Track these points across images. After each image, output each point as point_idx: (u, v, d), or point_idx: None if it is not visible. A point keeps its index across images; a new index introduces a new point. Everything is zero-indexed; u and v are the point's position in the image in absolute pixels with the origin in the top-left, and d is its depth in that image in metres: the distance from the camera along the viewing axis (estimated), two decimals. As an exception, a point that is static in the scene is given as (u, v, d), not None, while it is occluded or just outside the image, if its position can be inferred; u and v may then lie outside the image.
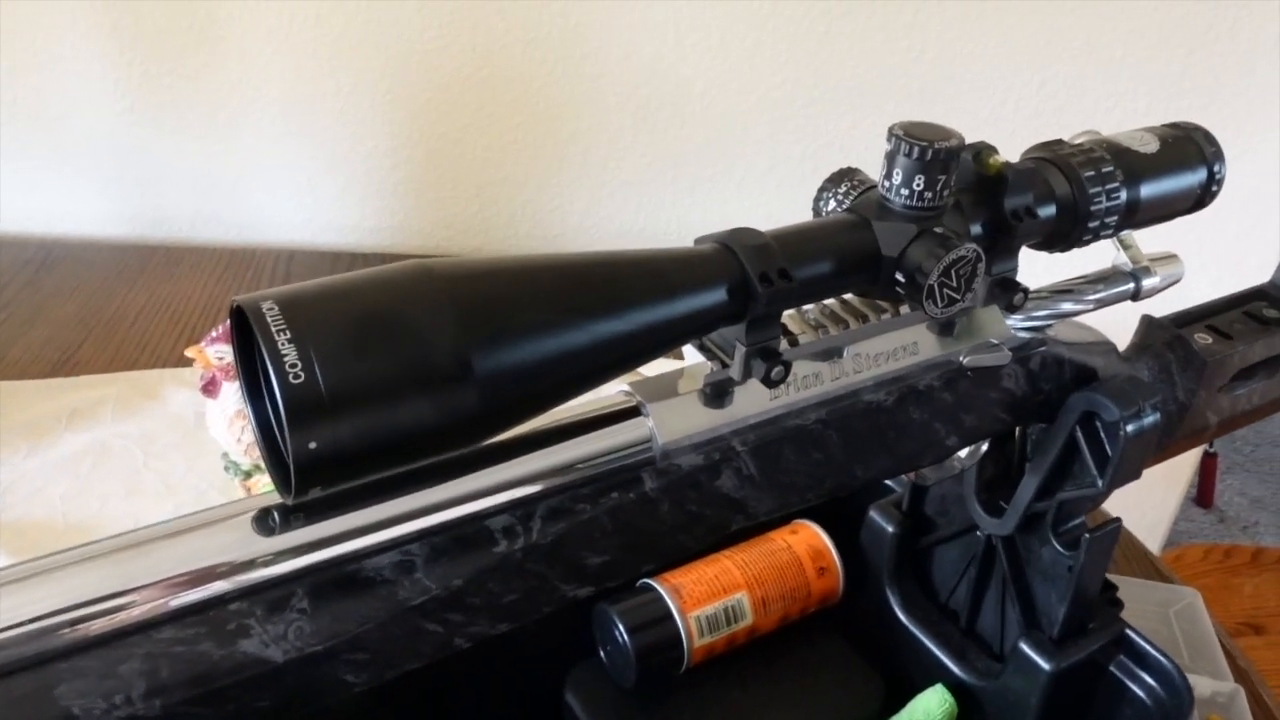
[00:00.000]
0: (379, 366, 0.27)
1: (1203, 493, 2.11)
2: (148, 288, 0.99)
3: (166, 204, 1.09)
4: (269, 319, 0.27)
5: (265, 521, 0.31)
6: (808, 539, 0.61)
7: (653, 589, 0.56)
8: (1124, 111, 1.06)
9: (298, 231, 1.11)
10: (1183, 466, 1.35)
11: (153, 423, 0.81)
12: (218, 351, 0.68)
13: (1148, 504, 1.31)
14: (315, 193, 1.09)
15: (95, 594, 0.28)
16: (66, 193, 1.07)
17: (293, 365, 0.26)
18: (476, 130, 1.06)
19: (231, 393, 0.69)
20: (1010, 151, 0.43)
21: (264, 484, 0.70)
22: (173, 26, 0.99)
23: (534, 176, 1.09)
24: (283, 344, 0.26)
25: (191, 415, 0.81)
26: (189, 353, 0.69)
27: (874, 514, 0.59)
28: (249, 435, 0.70)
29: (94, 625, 0.28)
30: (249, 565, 0.30)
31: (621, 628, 0.55)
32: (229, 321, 0.31)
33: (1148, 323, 0.54)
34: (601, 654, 0.57)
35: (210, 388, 0.70)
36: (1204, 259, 1.10)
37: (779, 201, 1.11)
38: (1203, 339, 0.53)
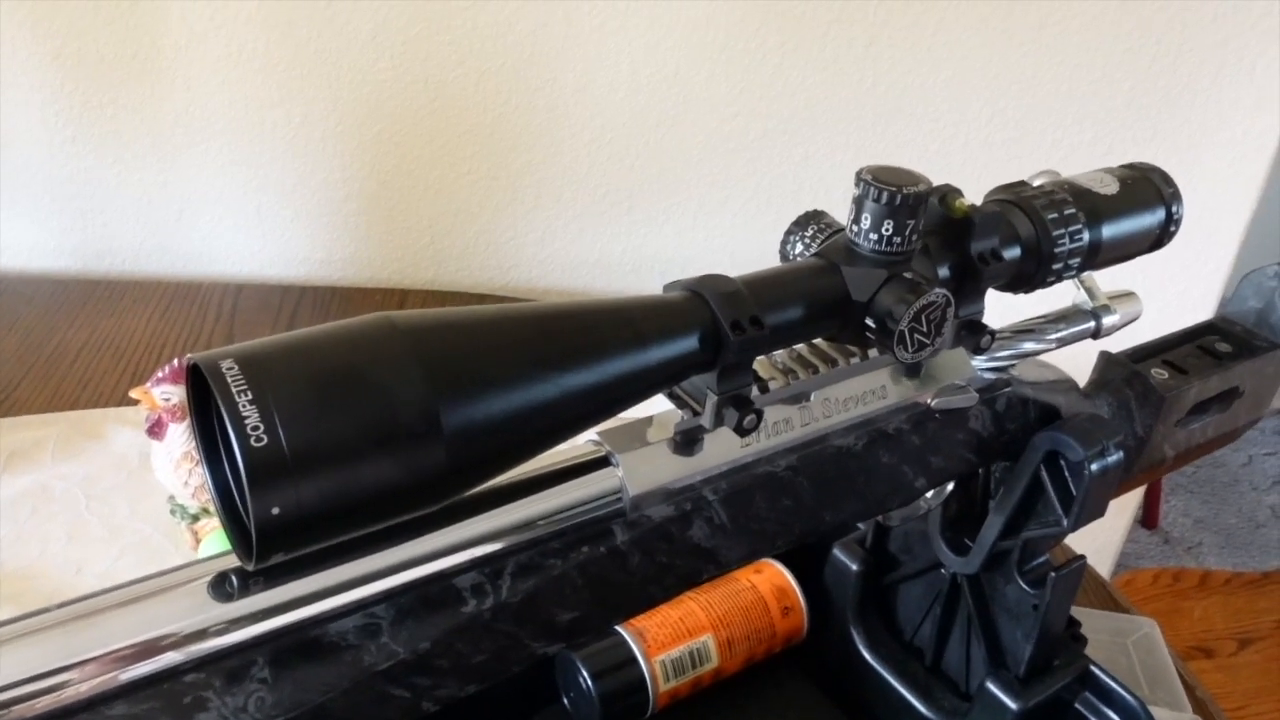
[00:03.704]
0: (345, 427, 0.26)
1: (1148, 515, 2.14)
2: (90, 323, 0.96)
3: (110, 236, 1.06)
4: (229, 379, 0.26)
5: (222, 586, 0.30)
6: (772, 578, 0.60)
7: (616, 633, 0.56)
8: (1071, 143, 1.08)
9: (245, 264, 1.09)
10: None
11: (95, 464, 0.78)
12: (164, 392, 0.66)
13: (1097, 528, 1.32)
14: (264, 225, 1.07)
15: (40, 669, 0.27)
16: (5, 225, 1.03)
17: (254, 428, 0.25)
18: (429, 162, 1.05)
19: (178, 435, 0.67)
20: (963, 181, 0.43)
21: (211, 528, 0.68)
22: (116, 55, 0.97)
23: (487, 208, 1.09)
24: (244, 405, 0.25)
25: (136, 456, 0.78)
26: (134, 394, 0.67)
27: (838, 552, 0.59)
28: (196, 478, 0.68)
29: (40, 703, 0.26)
30: (206, 633, 0.29)
31: (585, 673, 0.54)
32: (176, 369, 0.29)
33: (1106, 359, 0.54)
34: (565, 701, 0.56)
35: (156, 430, 0.68)
36: (1148, 288, 1.12)
37: (734, 232, 1.11)
38: (1159, 374, 0.54)
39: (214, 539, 0.67)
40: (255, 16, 0.96)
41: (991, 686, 0.52)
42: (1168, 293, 1.16)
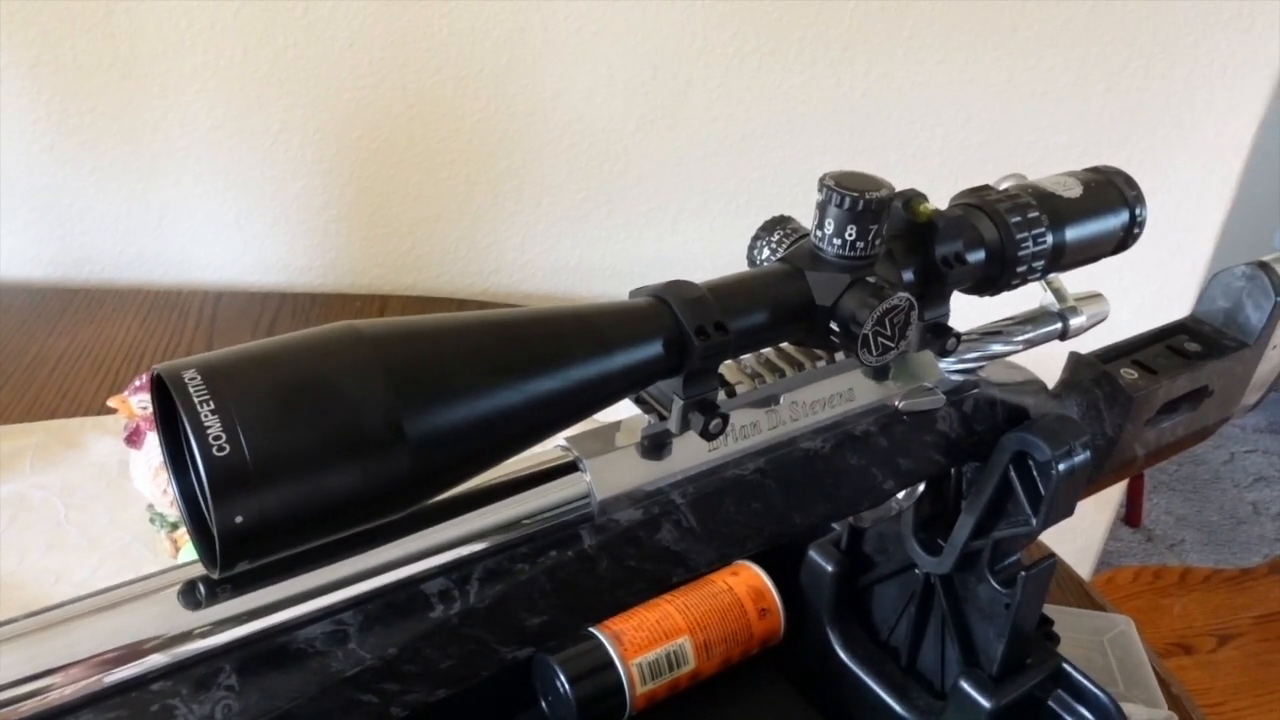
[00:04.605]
0: (307, 435, 0.26)
1: (1131, 512, 2.15)
2: (68, 332, 0.96)
3: (88, 244, 1.06)
4: (191, 389, 0.26)
5: (191, 594, 0.30)
6: (748, 580, 0.60)
7: (593, 636, 0.56)
8: (1046, 146, 1.09)
9: (225, 271, 1.09)
10: (1112, 487, 1.37)
11: (74, 473, 0.78)
12: (141, 401, 0.66)
13: (1079, 526, 1.33)
14: (243, 231, 1.07)
15: (7, 679, 0.27)
16: (-18, 234, 1.03)
17: (216, 437, 0.25)
18: (408, 167, 1.05)
19: (156, 443, 0.67)
20: (939, 184, 0.43)
21: (191, 536, 0.68)
22: (94, 64, 0.96)
23: (467, 213, 1.09)
24: (205, 415, 0.25)
25: (115, 465, 0.78)
26: (111, 402, 0.67)
27: (813, 553, 0.59)
28: (169, 483, 0.68)
29: (5, 712, 0.27)
30: (173, 641, 0.29)
31: (562, 677, 0.54)
32: (150, 386, 0.29)
33: (1075, 360, 0.55)
34: (543, 704, 0.56)
35: (134, 438, 0.68)
36: (1125, 288, 1.13)
37: (713, 236, 1.12)
38: (1128, 374, 0.55)
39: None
40: (233, 24, 0.96)
41: (965, 685, 0.52)
42: (1144, 293, 1.17)
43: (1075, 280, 0.50)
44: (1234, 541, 2.17)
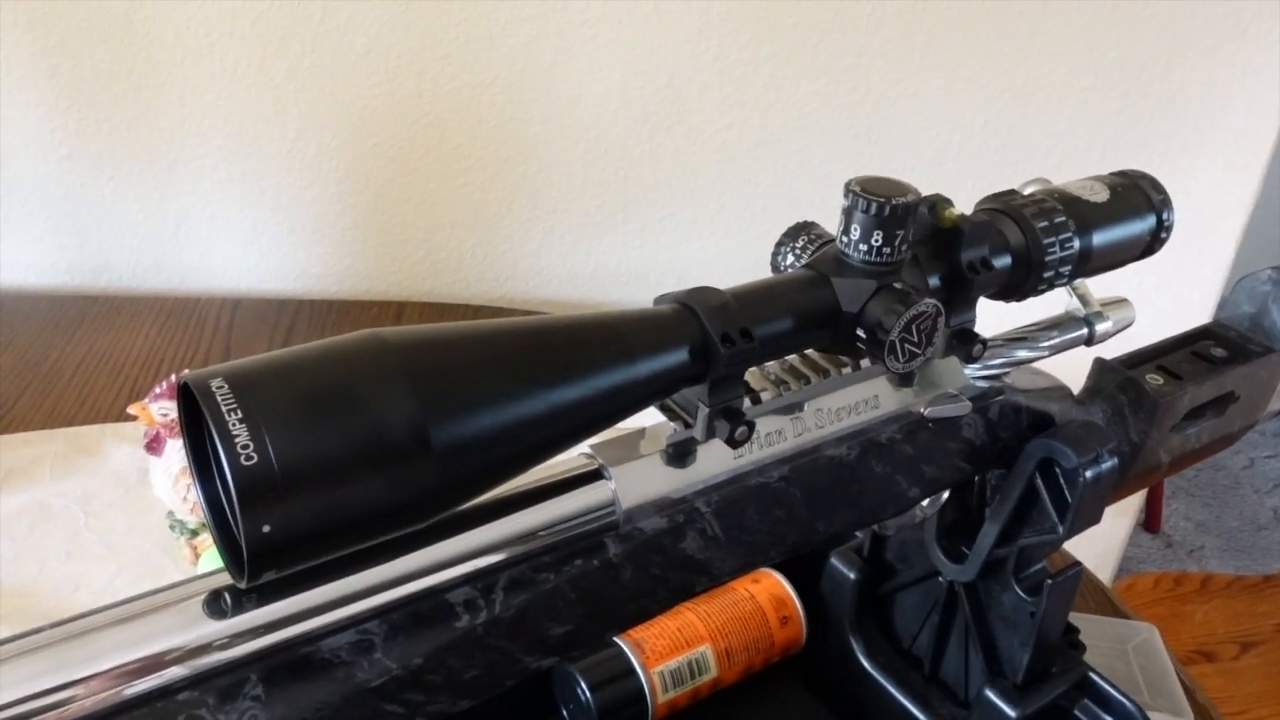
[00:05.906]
0: (334, 444, 0.26)
1: (1150, 518, 2.14)
2: (87, 339, 0.96)
3: (106, 252, 1.06)
4: (219, 398, 0.26)
5: (216, 604, 0.30)
6: (770, 588, 0.60)
7: (615, 644, 0.56)
8: (1064, 150, 1.08)
9: (242, 278, 1.09)
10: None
11: (93, 481, 0.78)
12: (161, 408, 0.66)
13: (1098, 532, 1.31)
14: (260, 239, 1.07)
15: (36, 688, 0.27)
16: (1, 242, 1.04)
17: (244, 446, 0.25)
18: (424, 175, 1.05)
19: (176, 450, 0.67)
20: (957, 188, 0.43)
21: (211, 542, 0.68)
22: (112, 73, 0.97)
23: (483, 220, 1.09)
24: (233, 424, 0.25)
25: (134, 472, 0.78)
26: (132, 409, 0.67)
27: (835, 561, 0.59)
28: (195, 493, 0.68)
29: (34, 722, 0.27)
30: (199, 651, 0.29)
31: (584, 685, 0.54)
32: (174, 385, 0.29)
33: (1100, 365, 0.54)
34: (564, 713, 0.56)
35: (154, 445, 0.68)
36: (1144, 292, 1.12)
37: (729, 242, 1.12)
38: (1154, 380, 0.54)
39: (214, 553, 0.67)
40: (250, 32, 0.96)
41: (990, 694, 0.52)
42: (1165, 298, 1.16)
43: (1093, 285, 0.49)
44: (1254, 547, 2.15)
